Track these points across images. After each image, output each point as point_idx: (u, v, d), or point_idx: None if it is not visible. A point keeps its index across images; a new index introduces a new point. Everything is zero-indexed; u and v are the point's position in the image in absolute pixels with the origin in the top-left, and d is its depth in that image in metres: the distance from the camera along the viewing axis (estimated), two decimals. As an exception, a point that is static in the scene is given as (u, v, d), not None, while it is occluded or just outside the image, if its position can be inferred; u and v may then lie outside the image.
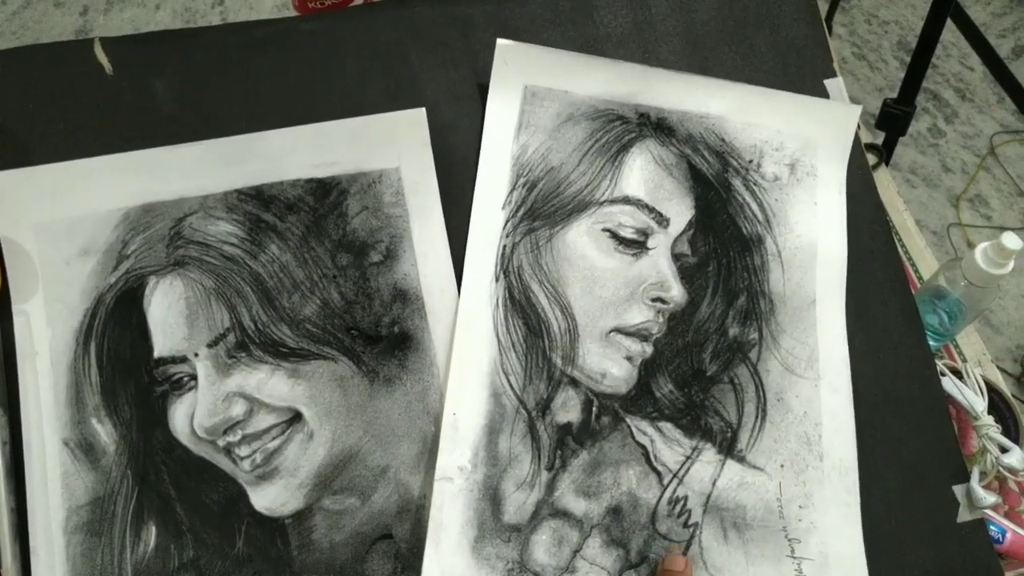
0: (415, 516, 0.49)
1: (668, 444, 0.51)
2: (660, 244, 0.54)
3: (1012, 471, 0.54)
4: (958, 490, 0.53)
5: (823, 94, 0.60)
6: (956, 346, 0.78)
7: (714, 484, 0.51)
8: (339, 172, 0.53)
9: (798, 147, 0.57)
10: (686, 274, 0.54)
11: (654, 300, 0.53)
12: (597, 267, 0.53)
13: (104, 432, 0.48)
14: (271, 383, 0.49)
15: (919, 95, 1.05)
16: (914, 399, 0.54)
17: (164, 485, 0.48)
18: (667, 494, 0.50)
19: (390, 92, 0.55)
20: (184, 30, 0.57)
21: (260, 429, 0.49)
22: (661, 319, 0.53)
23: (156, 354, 0.49)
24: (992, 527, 0.57)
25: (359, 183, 0.53)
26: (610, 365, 0.52)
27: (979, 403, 0.56)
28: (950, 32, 1.95)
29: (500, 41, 0.54)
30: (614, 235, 0.53)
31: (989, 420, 0.56)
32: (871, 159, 1.05)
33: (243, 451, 0.48)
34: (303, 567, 0.48)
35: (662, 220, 0.54)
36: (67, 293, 0.49)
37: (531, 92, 0.55)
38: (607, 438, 0.51)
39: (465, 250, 0.52)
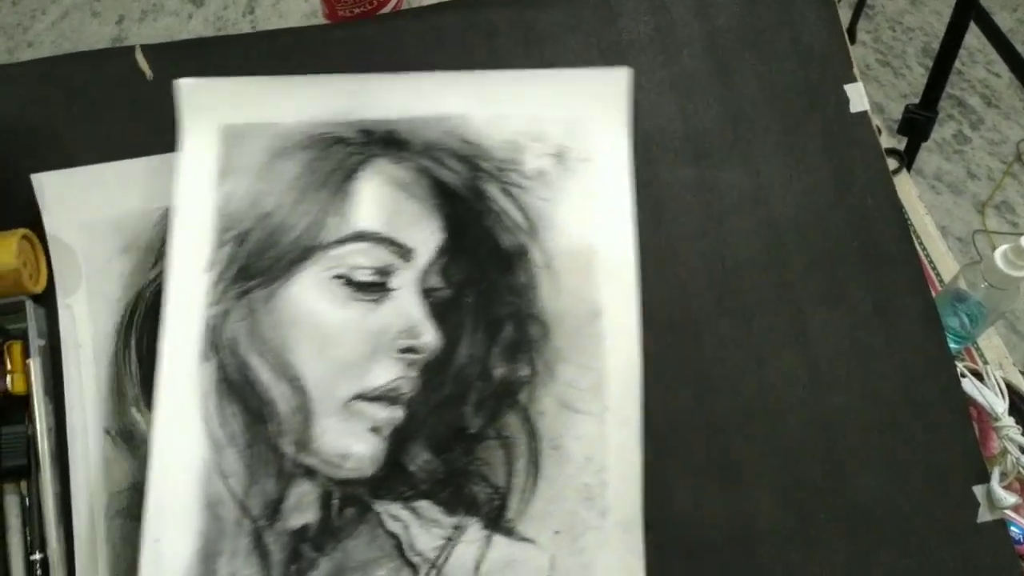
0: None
1: (425, 527, 0.44)
2: (405, 282, 0.46)
3: (1033, 472, 0.54)
4: (978, 491, 0.53)
5: (844, 100, 0.60)
6: (977, 349, 0.78)
7: (477, 570, 0.43)
8: None
9: (562, 131, 0.49)
10: (439, 311, 0.46)
11: (403, 351, 0.45)
12: (330, 323, 0.45)
13: (143, 421, 0.50)
14: None
15: (944, 102, 1.05)
16: (934, 400, 0.55)
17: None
18: None
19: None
20: (219, 37, 0.59)
21: None
22: (413, 373, 0.45)
23: (193, 347, 0.50)
24: (1013, 527, 0.57)
25: None
26: (352, 442, 0.44)
27: (999, 404, 0.56)
28: (976, 38, 1.93)
29: (181, 82, 0.49)
30: (348, 281, 0.45)
31: (1010, 421, 0.56)
32: (892, 164, 1.05)
33: None
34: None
35: (405, 252, 0.46)
36: (109, 288, 0.52)
37: (231, 133, 0.48)
38: (352, 535, 0.43)
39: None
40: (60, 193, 0.52)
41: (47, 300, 0.51)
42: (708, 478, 0.52)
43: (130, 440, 0.49)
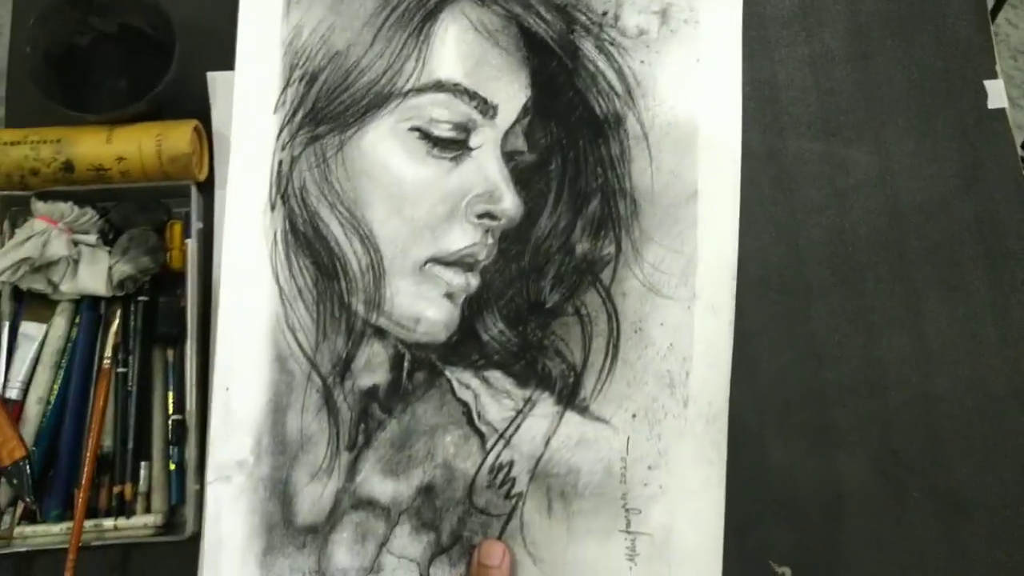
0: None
1: (496, 397, 0.43)
2: (487, 141, 0.43)
3: None
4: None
5: (982, 94, 0.60)
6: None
7: (547, 444, 0.43)
8: None
9: None
10: (521, 178, 0.43)
11: (481, 216, 0.43)
12: (405, 179, 0.42)
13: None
14: None
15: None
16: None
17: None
18: (489, 460, 0.42)
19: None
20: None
21: None
22: (490, 240, 0.43)
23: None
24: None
25: None
26: (425, 307, 0.42)
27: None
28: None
29: None
30: (426, 135, 0.43)
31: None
32: None
33: None
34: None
35: (487, 109, 0.43)
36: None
37: None
38: (421, 399, 0.42)
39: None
40: (229, 92, 0.56)
41: (207, 189, 0.55)
42: (805, 441, 0.53)
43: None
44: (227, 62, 0.56)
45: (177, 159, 0.53)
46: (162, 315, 0.51)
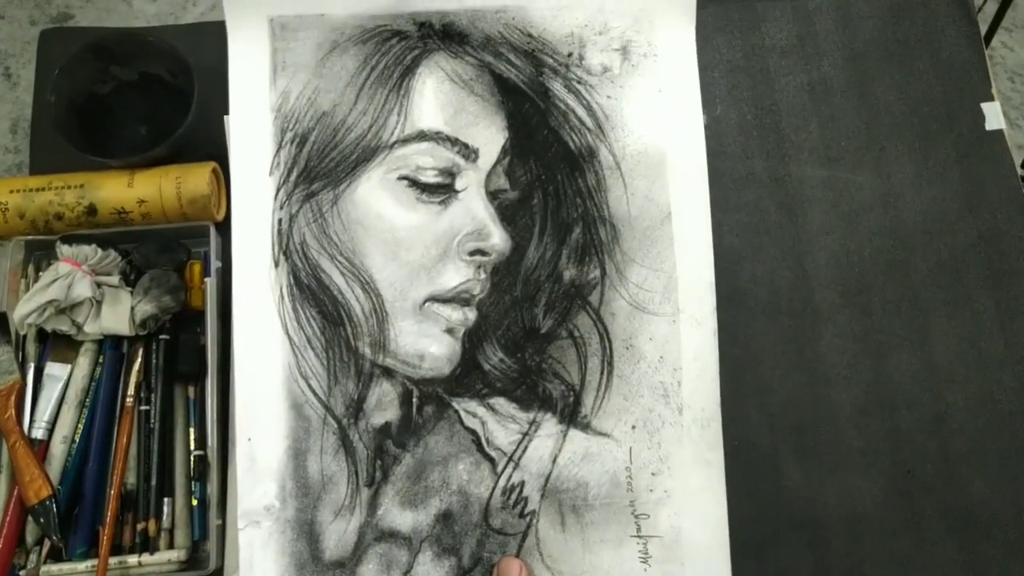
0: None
1: (502, 423, 0.45)
2: (471, 183, 0.45)
3: None
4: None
5: (980, 117, 0.62)
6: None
7: (554, 461, 0.45)
8: None
9: (628, 24, 0.48)
10: (507, 214, 0.46)
11: (472, 254, 0.45)
12: (398, 226, 0.45)
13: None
14: None
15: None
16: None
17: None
18: (501, 483, 0.45)
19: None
20: None
21: None
22: (483, 275, 0.45)
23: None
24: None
25: None
26: (428, 343, 0.45)
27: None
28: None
29: None
30: (414, 182, 0.45)
31: None
32: None
33: None
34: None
35: (469, 153, 0.45)
36: (278, 224, 0.56)
37: (279, 25, 0.46)
38: (432, 431, 0.45)
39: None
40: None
41: (225, 229, 0.57)
42: (819, 461, 0.53)
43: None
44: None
45: (196, 201, 0.54)
46: (183, 353, 0.53)
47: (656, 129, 0.47)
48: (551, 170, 0.46)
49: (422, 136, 0.45)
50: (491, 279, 0.46)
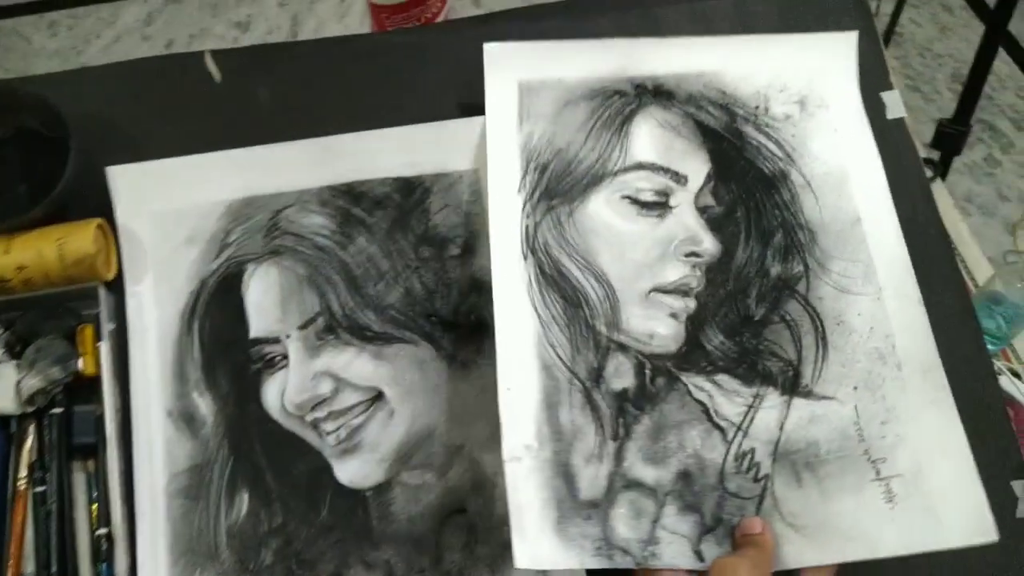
0: (488, 492, 0.51)
1: (728, 397, 0.50)
2: (682, 201, 0.53)
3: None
4: (1017, 486, 0.53)
5: (881, 107, 0.62)
6: (1013, 350, 0.78)
7: (781, 428, 0.49)
8: (423, 172, 0.57)
9: (803, 84, 0.57)
10: (715, 224, 0.53)
11: (687, 255, 0.52)
12: (624, 232, 0.53)
13: (204, 405, 0.52)
14: (356, 364, 0.52)
15: (975, 125, 1.06)
16: (972, 394, 0.55)
17: (256, 456, 0.51)
18: (732, 450, 0.49)
19: (470, 98, 0.59)
20: (283, 44, 0.62)
21: (345, 407, 0.52)
22: (699, 272, 0.52)
23: (252, 334, 0.53)
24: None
25: (441, 183, 0.56)
26: (656, 325, 0.51)
27: (1040, 405, 0.57)
28: (1006, 65, 1.94)
29: (487, 45, 0.56)
30: (634, 201, 0.53)
31: (1051, 421, 0.56)
32: (927, 173, 1.06)
33: (329, 427, 0.52)
34: (383, 537, 0.50)
35: (679, 178, 0.54)
36: (174, 277, 0.54)
37: (526, 87, 0.56)
38: (665, 400, 0.50)
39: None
40: (131, 185, 0.55)
41: (117, 287, 0.53)
42: None
43: (191, 422, 0.51)
44: (127, 155, 0.55)
45: (81, 261, 0.51)
46: (78, 426, 0.49)
47: (837, 157, 0.55)
48: (750, 190, 0.54)
49: (640, 166, 0.54)
50: (706, 276, 0.52)
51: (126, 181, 0.55)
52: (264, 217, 0.55)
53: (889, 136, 0.61)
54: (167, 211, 0.55)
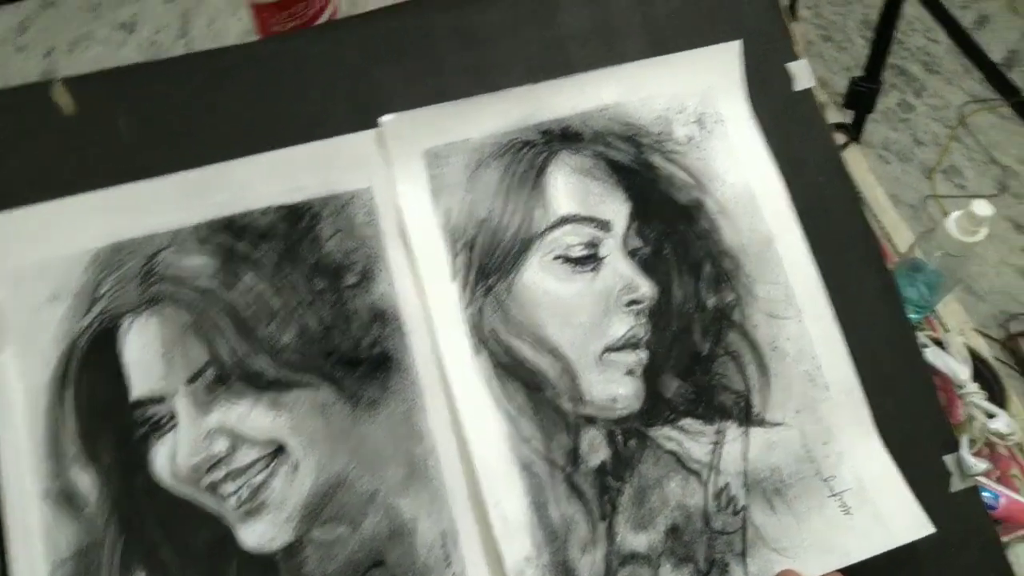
0: (407, 539, 0.48)
1: (694, 439, 0.51)
2: (612, 249, 0.53)
3: (1000, 436, 0.55)
4: (949, 460, 0.53)
5: (786, 78, 0.60)
6: (938, 317, 0.79)
7: (745, 459, 0.51)
8: (310, 196, 0.52)
9: (698, 101, 0.57)
10: (648, 266, 0.54)
11: (629, 305, 0.53)
12: (564, 296, 0.52)
13: (85, 481, 0.47)
14: (252, 416, 0.48)
15: (887, 71, 1.06)
16: (898, 374, 0.55)
17: (150, 531, 0.47)
18: (710, 490, 0.50)
19: (357, 110, 0.54)
20: (145, 64, 0.57)
21: (243, 464, 0.48)
22: (643, 320, 0.53)
23: (134, 396, 0.48)
24: (986, 493, 0.57)
25: (331, 206, 0.52)
26: (615, 387, 0.51)
27: (963, 371, 0.56)
28: (914, 7, 1.96)
29: (384, 119, 0.53)
30: (567, 259, 0.53)
31: (974, 387, 0.56)
32: (840, 138, 1.06)
33: (228, 488, 0.47)
34: (299, 601, 0.47)
35: (603, 225, 0.53)
36: (39, 341, 0.48)
37: (432, 155, 0.54)
38: (641, 460, 0.50)
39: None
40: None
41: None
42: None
43: (72, 502, 0.46)
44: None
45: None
46: (-60, 523, 0.44)
47: (740, 176, 0.56)
48: (672, 223, 0.55)
49: (563, 220, 0.53)
50: (651, 322, 0.53)
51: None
52: (137, 263, 0.50)
53: (798, 109, 0.59)
54: (24, 267, 0.49)
